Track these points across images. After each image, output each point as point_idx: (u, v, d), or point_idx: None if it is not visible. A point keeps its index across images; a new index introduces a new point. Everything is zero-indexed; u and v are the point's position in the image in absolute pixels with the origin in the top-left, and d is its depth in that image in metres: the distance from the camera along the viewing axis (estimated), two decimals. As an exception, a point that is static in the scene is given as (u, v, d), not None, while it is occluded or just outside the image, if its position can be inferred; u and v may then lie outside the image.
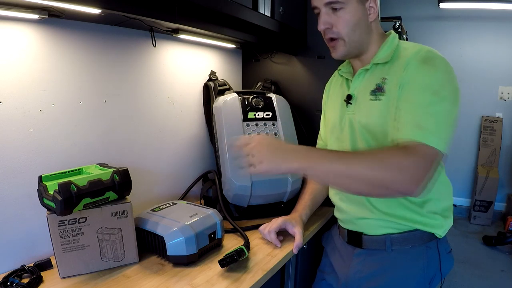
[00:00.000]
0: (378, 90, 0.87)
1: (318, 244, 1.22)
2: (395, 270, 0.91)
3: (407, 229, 0.90)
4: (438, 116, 0.76)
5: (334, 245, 1.08)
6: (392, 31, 0.93)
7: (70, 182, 0.76)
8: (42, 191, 0.80)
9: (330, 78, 1.13)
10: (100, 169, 0.90)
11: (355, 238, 0.98)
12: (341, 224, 1.04)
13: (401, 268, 0.91)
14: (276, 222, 1.02)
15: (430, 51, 0.82)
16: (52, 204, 0.76)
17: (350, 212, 0.97)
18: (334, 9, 0.86)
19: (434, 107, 0.76)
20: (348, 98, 0.95)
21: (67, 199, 0.74)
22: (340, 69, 1.04)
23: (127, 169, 0.88)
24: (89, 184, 0.79)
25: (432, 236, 0.91)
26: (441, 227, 0.91)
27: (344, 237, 1.02)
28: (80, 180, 0.78)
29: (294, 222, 1.02)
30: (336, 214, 1.06)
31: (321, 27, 0.89)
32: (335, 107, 1.02)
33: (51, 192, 0.77)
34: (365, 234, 0.95)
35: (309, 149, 0.79)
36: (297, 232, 1.00)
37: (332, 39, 0.90)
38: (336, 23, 0.86)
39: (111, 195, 0.85)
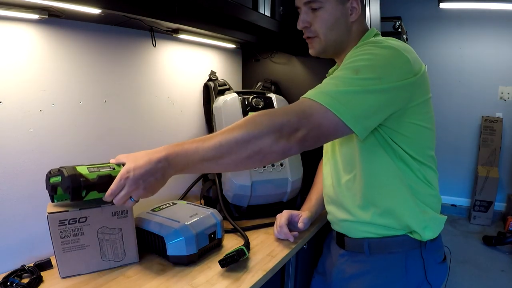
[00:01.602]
0: None
1: (318, 245, 1.23)
2: (373, 275, 0.91)
3: (385, 234, 0.88)
4: (342, 85, 0.70)
5: (329, 246, 1.09)
6: (372, 28, 0.92)
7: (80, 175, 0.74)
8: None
9: None
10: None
11: (340, 240, 0.99)
12: (331, 225, 1.05)
13: (379, 274, 0.90)
14: (283, 216, 1.05)
15: (386, 40, 0.80)
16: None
17: (334, 214, 0.98)
18: (313, 9, 0.87)
19: (343, 81, 0.71)
20: None
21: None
22: (328, 72, 1.03)
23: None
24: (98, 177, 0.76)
25: (415, 243, 0.87)
26: (422, 228, 0.85)
27: (334, 238, 1.03)
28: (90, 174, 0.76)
29: (300, 212, 1.05)
30: (327, 216, 1.07)
31: (299, 25, 0.90)
32: None
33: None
34: (347, 236, 0.95)
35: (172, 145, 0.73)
36: (303, 214, 1.04)
37: (309, 37, 0.91)
38: (314, 22, 0.87)
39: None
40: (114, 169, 0.80)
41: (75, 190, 0.74)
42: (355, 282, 0.93)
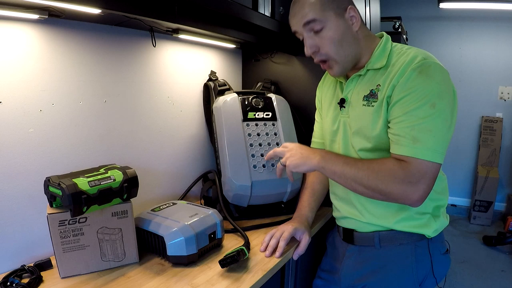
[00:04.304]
0: (371, 96, 0.87)
1: (318, 244, 1.23)
2: (383, 267, 0.93)
3: (395, 228, 0.91)
4: (435, 130, 0.77)
5: (334, 243, 1.10)
6: (384, 33, 0.91)
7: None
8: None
9: (322, 77, 1.14)
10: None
11: (348, 235, 1.00)
12: (337, 222, 1.06)
13: (389, 265, 0.92)
14: (288, 231, 0.97)
15: (425, 58, 0.81)
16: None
17: (342, 211, 1.00)
18: (316, 32, 0.84)
19: (431, 121, 0.77)
20: (342, 102, 0.95)
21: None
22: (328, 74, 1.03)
23: (136, 176, 0.88)
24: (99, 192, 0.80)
25: (422, 235, 0.90)
26: (429, 227, 0.90)
27: (340, 234, 1.04)
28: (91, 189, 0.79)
29: (303, 229, 1.00)
30: (333, 212, 1.08)
31: (308, 52, 0.87)
32: (329, 109, 1.03)
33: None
34: (356, 231, 0.97)
35: (326, 152, 0.91)
36: (304, 240, 0.98)
37: (323, 61, 0.89)
38: (322, 44, 0.85)
39: (117, 200, 0.85)
40: (114, 180, 0.81)
41: (77, 207, 0.76)
42: (365, 275, 0.95)
